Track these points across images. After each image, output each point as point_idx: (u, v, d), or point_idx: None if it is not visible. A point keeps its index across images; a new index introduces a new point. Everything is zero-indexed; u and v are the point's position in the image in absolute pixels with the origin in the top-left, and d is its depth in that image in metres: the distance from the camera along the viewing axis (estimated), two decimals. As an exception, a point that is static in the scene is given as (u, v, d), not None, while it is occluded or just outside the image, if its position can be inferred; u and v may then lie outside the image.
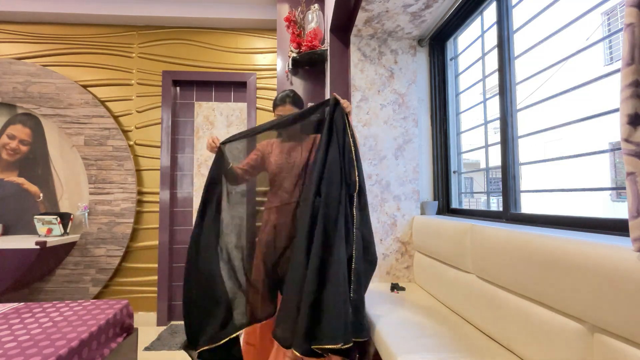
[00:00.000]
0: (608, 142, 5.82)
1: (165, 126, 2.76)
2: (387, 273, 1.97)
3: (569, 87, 1.21)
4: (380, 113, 2.03)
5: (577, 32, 5.53)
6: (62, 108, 2.65)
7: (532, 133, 1.40)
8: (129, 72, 2.80)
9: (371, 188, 1.99)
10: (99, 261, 2.62)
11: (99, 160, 2.67)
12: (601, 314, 0.76)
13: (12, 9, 2.61)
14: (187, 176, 2.85)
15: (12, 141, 2.66)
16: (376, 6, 1.72)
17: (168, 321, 2.69)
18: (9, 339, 1.19)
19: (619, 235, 0.93)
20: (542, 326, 0.94)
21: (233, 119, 2.89)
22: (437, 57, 2.12)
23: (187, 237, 2.80)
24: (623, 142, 0.68)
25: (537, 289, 0.95)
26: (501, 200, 1.51)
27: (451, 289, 1.49)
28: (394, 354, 1.08)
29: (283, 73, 2.50)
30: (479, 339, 1.20)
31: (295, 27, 2.37)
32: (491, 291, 1.19)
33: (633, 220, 0.66)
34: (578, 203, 6.58)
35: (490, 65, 1.68)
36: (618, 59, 5.73)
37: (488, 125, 1.76)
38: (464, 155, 2.08)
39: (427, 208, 2.01)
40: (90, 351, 1.26)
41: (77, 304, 1.61)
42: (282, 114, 1.55)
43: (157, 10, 2.69)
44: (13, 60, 2.66)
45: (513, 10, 1.51)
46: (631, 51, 0.66)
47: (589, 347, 0.80)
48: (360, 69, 2.04)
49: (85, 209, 2.61)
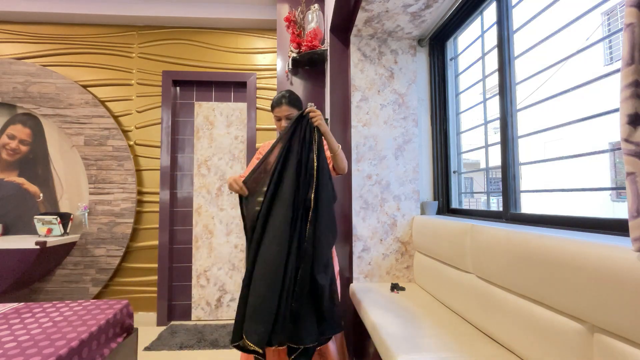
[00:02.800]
0: (608, 142, 5.82)
1: (165, 126, 2.76)
2: (387, 273, 1.97)
3: (569, 87, 1.21)
4: (380, 113, 2.03)
5: (577, 32, 5.54)
6: (62, 108, 2.65)
7: (532, 133, 1.40)
8: (129, 72, 2.80)
9: (371, 188, 1.99)
10: (99, 261, 2.62)
11: (99, 160, 2.67)
12: (601, 314, 0.75)
13: (12, 9, 2.61)
14: (187, 176, 2.85)
15: (12, 141, 2.66)
16: (376, 6, 1.72)
17: (168, 321, 2.69)
18: (9, 339, 1.19)
19: (619, 235, 0.93)
20: (542, 326, 0.94)
21: (233, 119, 2.89)
22: (437, 57, 2.12)
23: (187, 237, 2.80)
24: (623, 142, 0.68)
25: (537, 289, 0.95)
26: (501, 200, 1.51)
27: (451, 289, 1.49)
28: (394, 354, 1.08)
29: (283, 73, 2.50)
30: (479, 339, 1.20)
31: (295, 27, 2.37)
32: (491, 291, 1.19)
33: (633, 220, 0.66)
34: (578, 203, 6.59)
35: (490, 65, 1.68)
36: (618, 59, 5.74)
37: (488, 125, 1.76)
38: (464, 155, 2.08)
39: (427, 208, 2.01)
40: (90, 351, 1.26)
41: (77, 304, 1.61)
42: (279, 114, 1.55)
43: (157, 10, 2.69)
44: (13, 60, 2.66)
45: (513, 10, 1.51)
46: (631, 51, 0.66)
47: (589, 347, 0.80)
48: (360, 69, 2.04)
49: (85, 209, 2.61)
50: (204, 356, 2.12)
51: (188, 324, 2.66)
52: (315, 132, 1.37)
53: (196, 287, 2.77)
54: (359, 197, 1.98)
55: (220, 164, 2.86)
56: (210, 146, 2.87)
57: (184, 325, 2.62)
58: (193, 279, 2.78)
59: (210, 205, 2.83)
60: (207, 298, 2.76)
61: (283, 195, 1.31)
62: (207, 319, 2.75)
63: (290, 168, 1.33)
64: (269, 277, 1.23)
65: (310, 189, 1.33)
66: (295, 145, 1.35)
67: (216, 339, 2.32)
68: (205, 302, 2.76)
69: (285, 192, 1.31)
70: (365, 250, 1.97)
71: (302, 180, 1.33)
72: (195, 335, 2.39)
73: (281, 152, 1.36)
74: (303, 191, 1.32)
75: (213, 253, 2.80)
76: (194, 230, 2.81)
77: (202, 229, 2.82)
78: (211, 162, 2.86)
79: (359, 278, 1.95)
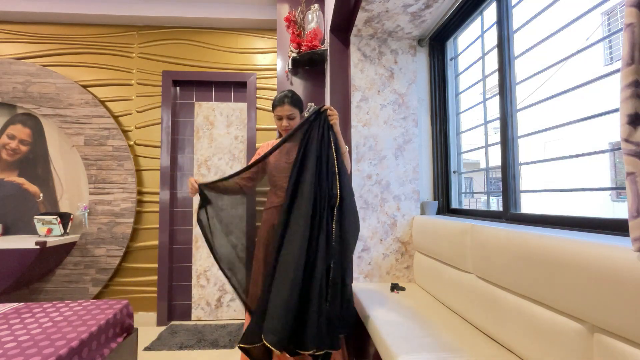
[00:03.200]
0: (608, 142, 5.82)
1: (165, 126, 2.76)
2: (387, 273, 1.97)
3: (569, 87, 1.21)
4: (380, 113, 2.03)
5: (577, 32, 5.53)
6: (62, 108, 2.65)
7: (532, 133, 1.40)
8: (129, 72, 2.80)
9: (371, 188, 1.99)
10: (99, 261, 2.62)
11: (99, 160, 2.67)
12: (601, 314, 0.75)
13: (12, 9, 2.61)
14: (187, 176, 2.85)
15: (12, 141, 2.66)
16: (376, 6, 1.72)
17: (168, 321, 2.69)
18: (9, 339, 1.19)
19: (619, 235, 0.93)
20: (542, 326, 0.94)
21: (233, 119, 2.89)
22: (437, 57, 2.12)
23: (187, 237, 2.80)
24: (623, 142, 0.68)
25: (537, 289, 0.95)
26: (501, 200, 1.51)
27: (451, 289, 1.49)
28: (394, 354, 1.08)
29: (283, 73, 2.50)
30: (479, 339, 1.20)
31: (295, 27, 2.37)
32: (491, 291, 1.19)
33: (633, 220, 0.66)
34: (578, 203, 6.58)
35: (490, 65, 1.68)
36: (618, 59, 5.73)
37: (488, 125, 1.76)
38: (464, 155, 2.08)
39: (427, 208, 2.01)
40: (90, 351, 1.26)
41: (77, 304, 1.61)
42: (281, 114, 1.55)
43: (157, 10, 2.69)
44: (13, 60, 2.66)
45: (513, 10, 1.51)
46: (631, 51, 0.66)
47: (589, 347, 0.80)
48: (360, 69, 2.04)
49: (85, 209, 2.61)
50: (204, 356, 2.12)
51: (188, 324, 2.66)
52: (330, 130, 1.37)
53: (196, 287, 2.77)
54: (359, 197, 1.97)
55: (220, 164, 2.86)
56: (210, 146, 2.87)
57: (184, 325, 2.62)
58: (193, 279, 2.78)
59: (210, 205, 2.83)
60: (207, 298, 2.76)
61: (304, 194, 1.28)
62: (207, 319, 2.75)
63: (309, 165, 1.31)
64: (293, 279, 1.18)
65: (334, 185, 1.32)
66: (314, 142, 1.34)
67: (216, 339, 2.32)
68: (205, 302, 2.76)
69: (307, 190, 1.28)
70: (365, 250, 1.97)
71: (324, 177, 1.31)
72: (195, 335, 2.39)
73: (300, 149, 1.34)
74: (326, 188, 1.30)
75: (213, 253, 2.80)
76: (194, 230, 2.81)
77: (202, 229, 2.82)
78: (211, 162, 2.86)
79: (359, 278, 1.95)
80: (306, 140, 1.35)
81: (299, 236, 1.23)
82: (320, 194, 1.29)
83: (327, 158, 1.33)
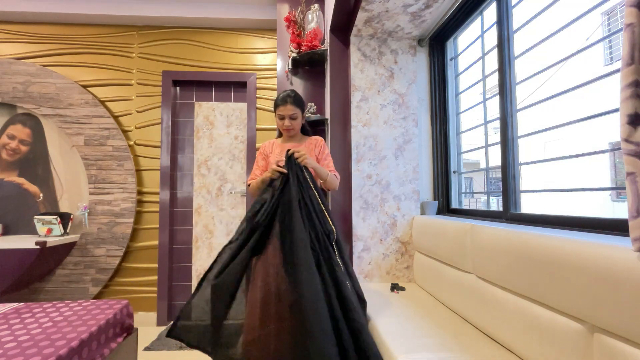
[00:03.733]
0: (608, 142, 5.82)
1: (165, 126, 2.76)
2: (387, 273, 1.97)
3: (569, 87, 1.21)
4: (380, 113, 2.03)
5: (577, 32, 5.53)
6: (62, 108, 2.65)
7: (532, 133, 1.40)
8: (129, 72, 2.80)
9: (371, 188, 1.99)
10: (99, 261, 2.62)
11: (99, 160, 2.67)
12: (601, 314, 0.75)
13: (12, 9, 2.61)
14: (187, 176, 2.85)
15: (12, 141, 2.66)
16: (376, 6, 1.72)
17: (168, 321, 2.69)
18: (9, 339, 1.19)
19: (619, 235, 0.93)
20: (542, 326, 0.94)
21: (233, 119, 2.89)
22: (437, 57, 2.12)
23: (187, 237, 2.80)
24: (623, 142, 0.68)
25: (537, 289, 0.95)
26: (501, 200, 1.51)
27: (451, 289, 1.49)
28: (394, 354, 1.08)
29: (283, 73, 2.50)
30: (479, 339, 1.20)
31: (295, 27, 2.37)
32: (491, 291, 1.19)
33: (633, 220, 0.66)
34: (578, 203, 6.58)
35: (490, 65, 1.68)
36: (618, 59, 5.74)
37: (488, 125, 1.76)
38: (464, 155, 2.08)
39: (427, 208, 2.01)
40: (90, 351, 1.26)
41: (77, 304, 1.61)
42: (283, 113, 1.55)
43: (157, 10, 2.69)
44: (13, 60, 2.66)
45: (513, 10, 1.51)
46: (631, 51, 0.66)
47: (589, 347, 0.80)
48: (360, 69, 2.04)
49: (85, 209, 2.61)
50: (204, 356, 2.11)
51: (188, 324, 2.66)
52: (305, 170, 1.39)
53: (196, 287, 2.77)
54: (359, 197, 1.98)
55: (220, 164, 2.86)
56: (210, 146, 2.87)
57: (184, 325, 2.62)
58: (193, 279, 2.78)
59: (210, 205, 2.83)
60: (207, 298, 2.76)
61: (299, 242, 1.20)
62: (207, 319, 2.75)
63: (296, 213, 1.27)
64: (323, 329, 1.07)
65: (326, 222, 1.33)
66: (294, 188, 1.33)
67: (216, 339, 2.32)
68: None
69: (301, 237, 1.21)
70: (365, 250, 1.97)
71: (315, 217, 1.30)
72: (195, 335, 2.39)
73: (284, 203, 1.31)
74: (319, 228, 1.29)
75: (213, 253, 2.79)
76: (194, 230, 2.81)
77: (202, 229, 2.82)
78: (211, 162, 2.86)
79: (359, 278, 1.95)
80: (287, 192, 1.33)
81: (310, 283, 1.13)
82: (316, 233, 1.28)
83: (310, 199, 1.34)
